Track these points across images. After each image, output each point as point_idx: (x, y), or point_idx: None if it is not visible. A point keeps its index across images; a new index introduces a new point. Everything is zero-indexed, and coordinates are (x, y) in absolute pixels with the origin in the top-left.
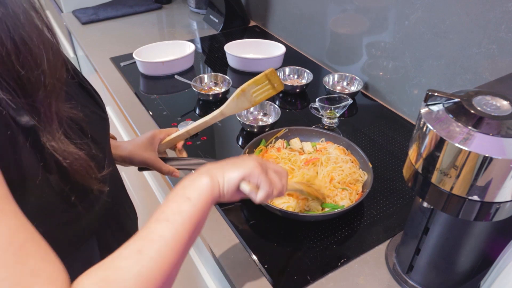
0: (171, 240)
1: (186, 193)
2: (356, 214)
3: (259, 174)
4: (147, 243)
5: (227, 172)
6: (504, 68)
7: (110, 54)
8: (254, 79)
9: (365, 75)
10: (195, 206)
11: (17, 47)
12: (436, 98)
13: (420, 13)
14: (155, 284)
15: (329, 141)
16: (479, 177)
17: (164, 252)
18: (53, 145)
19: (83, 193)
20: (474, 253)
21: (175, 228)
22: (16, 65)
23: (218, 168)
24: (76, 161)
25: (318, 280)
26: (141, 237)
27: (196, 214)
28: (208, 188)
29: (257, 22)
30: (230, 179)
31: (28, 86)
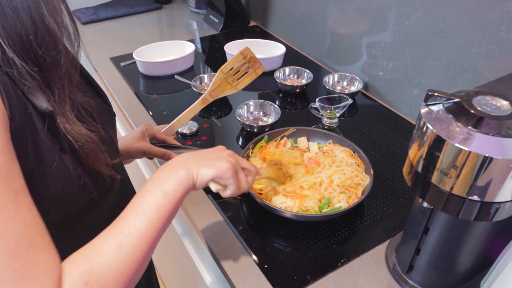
0: (147, 234)
1: (164, 186)
2: (356, 214)
3: (229, 176)
4: (126, 238)
5: (202, 168)
6: (504, 68)
7: (110, 54)
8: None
9: (365, 75)
10: (170, 200)
11: (36, 27)
12: (436, 98)
13: (420, 13)
14: (130, 274)
15: (337, 143)
16: (479, 177)
17: (140, 246)
18: (66, 127)
19: (96, 178)
20: (474, 253)
21: (152, 222)
22: (34, 44)
23: (194, 161)
24: (88, 143)
25: (318, 280)
26: (121, 230)
27: (171, 207)
28: (183, 182)
29: (257, 22)
30: (203, 176)
31: (44, 66)
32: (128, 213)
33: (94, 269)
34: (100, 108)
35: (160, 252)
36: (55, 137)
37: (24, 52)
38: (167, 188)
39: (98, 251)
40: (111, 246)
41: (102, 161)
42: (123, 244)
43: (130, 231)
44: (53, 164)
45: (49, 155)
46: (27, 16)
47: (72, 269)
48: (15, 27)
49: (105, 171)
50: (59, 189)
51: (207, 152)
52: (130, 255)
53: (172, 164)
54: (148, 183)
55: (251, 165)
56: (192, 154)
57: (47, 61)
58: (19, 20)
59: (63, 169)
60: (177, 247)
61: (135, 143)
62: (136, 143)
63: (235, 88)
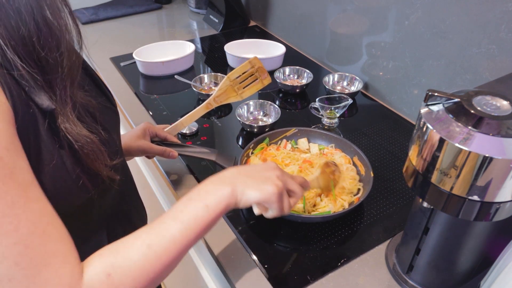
0: (179, 242)
1: (207, 199)
2: (356, 214)
3: (274, 201)
4: (158, 240)
5: (248, 190)
6: (504, 68)
7: (110, 54)
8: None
9: (365, 75)
10: (210, 215)
11: (39, 29)
12: (436, 98)
13: (420, 13)
14: (152, 276)
15: (338, 148)
16: (479, 177)
17: (170, 251)
18: (67, 127)
19: (95, 178)
20: (474, 253)
21: (187, 231)
22: (36, 46)
23: (241, 179)
24: (88, 144)
25: (318, 280)
26: (155, 231)
27: (209, 222)
28: (227, 200)
29: (257, 22)
30: (248, 198)
31: (46, 67)
32: (166, 216)
33: (119, 263)
34: (104, 107)
35: None
36: (55, 135)
37: (26, 54)
38: (209, 202)
39: (128, 247)
40: (142, 245)
41: (101, 162)
42: (154, 245)
43: (164, 234)
44: (52, 162)
45: (48, 153)
46: (30, 18)
47: (97, 260)
48: (18, 29)
49: (103, 172)
50: (57, 187)
51: (257, 170)
52: (158, 257)
53: (220, 177)
54: (193, 192)
55: (298, 187)
56: (241, 171)
57: (50, 62)
58: (22, 22)
59: (61, 167)
60: None
61: (136, 141)
62: (137, 141)
63: (240, 96)
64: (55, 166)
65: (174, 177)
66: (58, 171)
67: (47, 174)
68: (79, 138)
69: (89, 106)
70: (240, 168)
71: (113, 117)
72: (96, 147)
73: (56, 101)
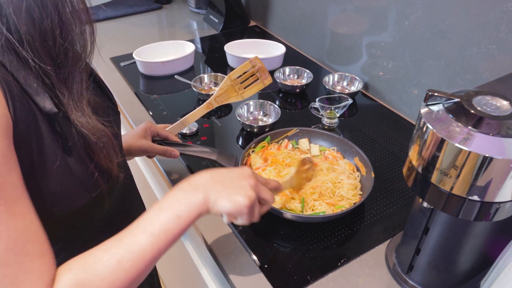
0: (149, 255)
1: (179, 209)
2: (356, 214)
3: (244, 213)
4: (128, 254)
5: (220, 199)
6: (504, 68)
7: (110, 54)
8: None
9: (365, 75)
10: (181, 225)
11: (63, 21)
12: (436, 98)
13: (420, 13)
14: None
15: (340, 149)
16: (479, 177)
17: (139, 265)
18: (82, 121)
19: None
20: (474, 253)
21: (157, 243)
22: (58, 39)
23: (214, 187)
24: (103, 137)
25: (318, 280)
26: (124, 244)
27: (180, 232)
28: (199, 209)
29: (257, 22)
30: (219, 207)
31: (65, 60)
32: (136, 228)
33: (88, 280)
34: (105, 106)
35: None
36: (59, 136)
37: (43, 49)
38: (181, 212)
39: (97, 261)
40: (111, 260)
41: (113, 157)
42: (123, 260)
43: (133, 249)
44: (55, 163)
45: (52, 154)
46: (55, 11)
47: (66, 276)
48: (41, 21)
49: (114, 168)
50: (61, 188)
51: (231, 177)
52: (127, 271)
53: (192, 184)
54: (164, 200)
55: (271, 195)
56: (215, 177)
57: (69, 56)
58: (47, 14)
59: (65, 168)
60: (177, 247)
61: (137, 141)
62: (138, 141)
63: (240, 96)
64: (59, 167)
65: (175, 176)
66: (62, 172)
67: (52, 175)
68: (95, 132)
69: (95, 103)
70: (214, 174)
71: (114, 116)
72: (110, 141)
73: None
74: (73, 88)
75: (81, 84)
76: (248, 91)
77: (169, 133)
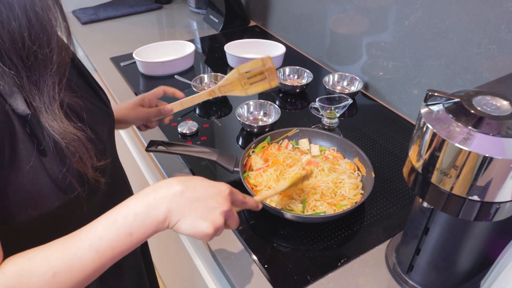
0: (90, 270)
1: (133, 225)
2: (356, 214)
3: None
4: (66, 268)
5: (182, 222)
6: (504, 68)
7: (110, 54)
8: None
9: (365, 75)
10: (132, 242)
11: (31, 24)
12: (436, 98)
13: (420, 13)
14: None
15: (340, 149)
16: (479, 177)
17: (77, 279)
18: (53, 125)
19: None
20: (474, 253)
21: (101, 260)
22: (27, 41)
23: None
24: (74, 142)
25: (318, 280)
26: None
27: (130, 248)
28: (155, 228)
29: (257, 22)
30: (178, 229)
31: (35, 63)
32: (82, 240)
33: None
34: (94, 108)
35: (160, 252)
36: (34, 137)
37: (12, 51)
38: (135, 229)
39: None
40: (47, 271)
41: (87, 162)
42: (60, 273)
43: (74, 263)
44: (28, 163)
45: (25, 155)
46: (23, 13)
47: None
48: (9, 23)
49: (89, 172)
50: (35, 188)
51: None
52: (62, 284)
53: (157, 195)
54: (120, 212)
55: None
56: (186, 192)
57: (39, 58)
58: (14, 17)
59: (39, 169)
60: (177, 247)
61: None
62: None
63: (245, 91)
64: (32, 168)
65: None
66: (35, 172)
67: (25, 175)
68: (66, 136)
69: (76, 106)
70: (187, 188)
71: (103, 117)
72: (82, 146)
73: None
74: (44, 91)
75: (53, 87)
76: (253, 88)
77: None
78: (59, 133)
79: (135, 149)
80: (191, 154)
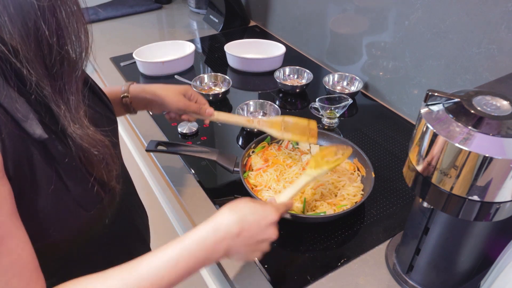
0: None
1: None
2: (356, 214)
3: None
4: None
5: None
6: (504, 68)
7: (110, 54)
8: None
9: (365, 75)
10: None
11: (60, 28)
12: (436, 98)
13: (420, 13)
14: None
15: None
16: (479, 177)
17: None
18: (81, 134)
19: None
20: (474, 253)
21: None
22: (56, 46)
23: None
24: (104, 148)
25: (318, 280)
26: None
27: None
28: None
29: (257, 22)
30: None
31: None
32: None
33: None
34: (101, 116)
35: None
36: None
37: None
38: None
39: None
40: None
41: (113, 168)
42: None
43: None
44: (50, 186)
45: (46, 179)
46: (53, 17)
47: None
48: (37, 29)
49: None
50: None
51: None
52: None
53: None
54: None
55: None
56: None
57: (65, 64)
58: (44, 21)
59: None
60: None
61: (175, 96)
62: (176, 96)
63: (281, 134)
64: (55, 190)
65: (174, 177)
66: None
67: (48, 198)
68: (95, 143)
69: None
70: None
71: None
72: (109, 151)
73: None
74: (69, 99)
75: (77, 94)
76: (290, 135)
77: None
78: (88, 141)
79: (135, 149)
80: (191, 154)
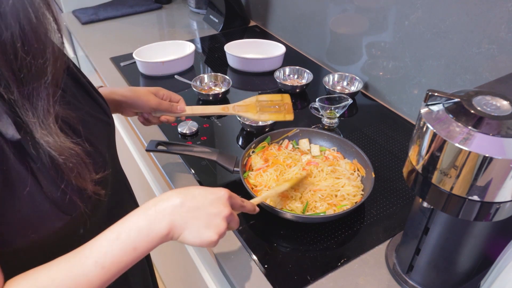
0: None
1: (137, 240)
2: (356, 214)
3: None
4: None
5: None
6: (504, 68)
7: (110, 54)
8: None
9: (365, 75)
10: (137, 255)
11: (25, 33)
12: (436, 98)
13: (420, 13)
14: None
15: (340, 149)
16: (479, 177)
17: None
18: (49, 141)
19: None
20: (474, 253)
21: (107, 276)
22: (20, 52)
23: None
24: (72, 157)
25: (318, 280)
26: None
27: (134, 261)
28: (159, 240)
29: (257, 22)
30: (183, 240)
31: (28, 75)
32: (87, 257)
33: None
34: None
35: (160, 252)
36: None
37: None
38: (139, 244)
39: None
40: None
41: (86, 176)
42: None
43: (79, 281)
44: (25, 188)
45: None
46: (16, 22)
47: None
48: (1, 33)
49: (89, 187)
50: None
51: (204, 204)
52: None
53: (158, 210)
54: (123, 227)
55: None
56: (185, 202)
57: (33, 69)
58: (7, 26)
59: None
60: (177, 247)
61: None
62: (146, 95)
63: (257, 116)
64: (30, 192)
65: (174, 177)
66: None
67: (23, 200)
68: (62, 151)
69: (69, 119)
70: (186, 198)
71: (102, 128)
72: (80, 160)
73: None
74: (38, 105)
75: (47, 100)
76: (267, 115)
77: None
78: (55, 148)
79: (135, 149)
80: (191, 154)
